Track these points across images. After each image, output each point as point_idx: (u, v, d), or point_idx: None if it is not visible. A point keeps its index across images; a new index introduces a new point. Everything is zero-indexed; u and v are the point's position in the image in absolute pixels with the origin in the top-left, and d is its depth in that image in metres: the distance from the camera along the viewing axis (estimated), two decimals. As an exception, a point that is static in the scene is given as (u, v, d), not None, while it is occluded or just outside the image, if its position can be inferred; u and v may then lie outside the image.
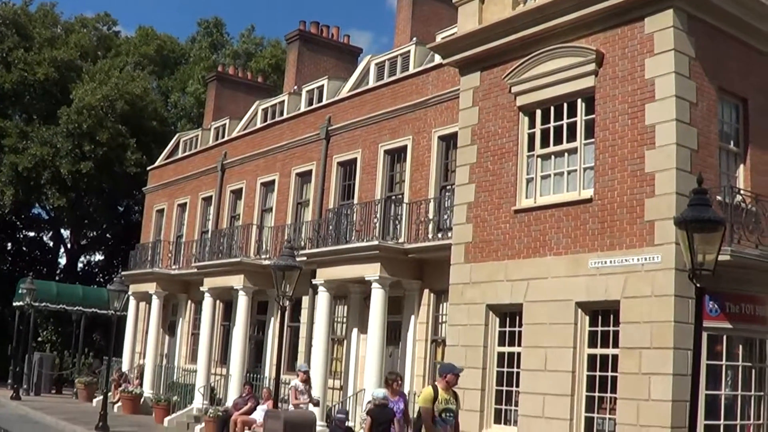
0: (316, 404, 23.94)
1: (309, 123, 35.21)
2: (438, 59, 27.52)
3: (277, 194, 36.51)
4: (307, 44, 44.51)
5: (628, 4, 19.91)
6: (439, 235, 26.62)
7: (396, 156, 30.50)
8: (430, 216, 27.21)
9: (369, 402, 19.55)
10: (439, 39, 28.63)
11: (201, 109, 60.11)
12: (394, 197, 30.02)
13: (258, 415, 27.80)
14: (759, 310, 19.72)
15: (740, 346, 19.46)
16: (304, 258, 27.74)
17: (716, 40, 20.18)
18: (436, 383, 16.11)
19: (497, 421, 21.81)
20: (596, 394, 19.65)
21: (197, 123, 61.63)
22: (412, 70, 31.28)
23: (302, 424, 21.30)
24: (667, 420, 17.78)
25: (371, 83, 33.64)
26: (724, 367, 19.15)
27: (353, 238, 28.89)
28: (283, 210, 35.72)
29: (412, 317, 27.71)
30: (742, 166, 20.79)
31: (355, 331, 29.93)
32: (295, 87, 41.75)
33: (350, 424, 24.42)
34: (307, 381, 23.38)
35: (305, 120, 35.77)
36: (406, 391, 25.71)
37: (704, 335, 17.95)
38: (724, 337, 19.19)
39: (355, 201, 31.10)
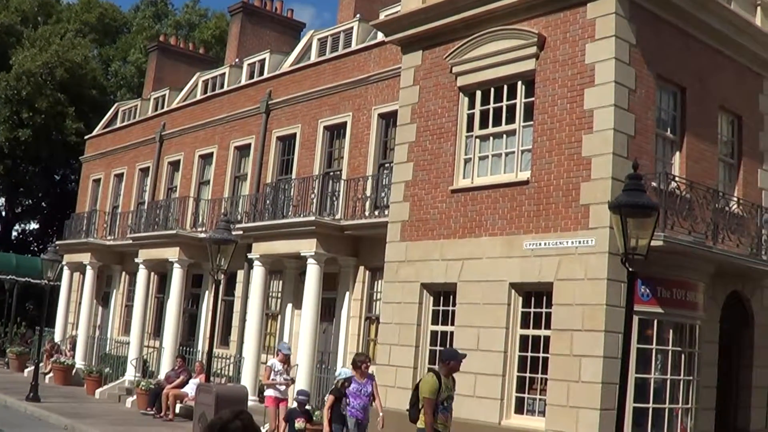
0: (289, 384, 23.51)
1: (249, 96, 35.04)
2: (381, 37, 27.50)
3: (215, 167, 36.32)
4: (250, 17, 44.33)
5: (571, -12, 20.03)
6: (376, 213, 26.64)
7: (335, 132, 30.47)
8: (368, 193, 27.19)
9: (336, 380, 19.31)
10: (382, 16, 28.59)
11: (142, 78, 59.53)
12: (332, 173, 29.98)
13: (190, 388, 27.78)
14: (690, 296, 19.96)
15: (671, 331, 19.68)
16: (240, 232, 27.58)
17: (657, 28, 20.35)
18: (437, 369, 15.53)
19: (429, 399, 21.89)
20: (527, 374, 19.82)
21: (137, 93, 61.05)
22: (354, 46, 31.23)
23: (234, 398, 21.21)
24: (597, 401, 17.99)
25: (313, 59, 33.49)
26: (654, 350, 19.36)
27: (290, 213, 28.80)
28: (220, 183, 35.56)
29: (347, 294, 27.73)
30: (678, 153, 21.02)
31: (289, 306, 29.90)
32: (237, 60, 41.52)
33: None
34: (286, 361, 23.05)
35: (245, 93, 35.59)
36: (339, 368, 25.83)
37: (635, 319, 18.06)
38: (655, 322, 19.38)
39: (293, 176, 30.99)
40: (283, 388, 22.62)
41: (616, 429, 13.37)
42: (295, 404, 21.53)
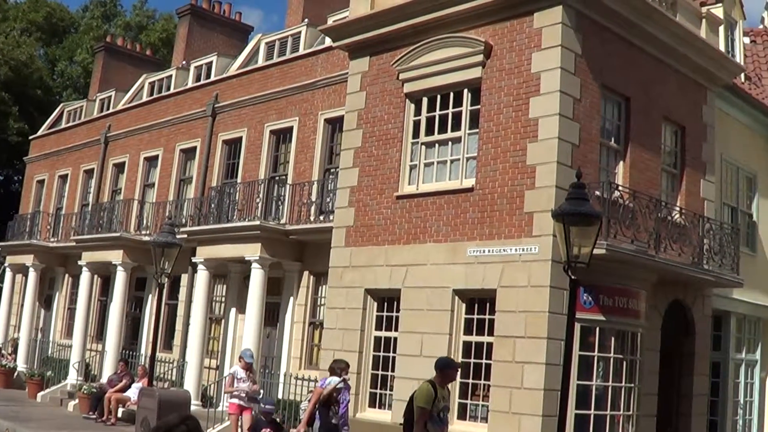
0: (254, 394, 22.90)
1: (196, 99, 34.88)
2: (328, 42, 27.46)
3: (160, 170, 36.10)
4: (198, 19, 44.18)
5: (518, -2, 20.14)
6: (321, 218, 26.63)
7: (281, 136, 30.39)
8: (313, 198, 27.17)
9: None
10: (330, 22, 28.53)
11: (88, 79, 59.13)
12: (277, 178, 29.91)
13: (132, 392, 27.60)
14: (632, 304, 20.14)
15: (612, 338, 19.84)
16: (185, 235, 27.46)
17: (602, 38, 20.51)
18: (432, 379, 14.89)
19: (372, 405, 21.93)
20: (470, 380, 19.86)
21: (83, 93, 60.63)
22: (302, 51, 31.19)
23: (177, 402, 21.11)
24: (539, 408, 18.08)
25: (260, 62, 33.45)
26: (596, 358, 19.52)
27: (235, 217, 28.74)
28: (165, 186, 35.36)
29: (291, 299, 27.69)
30: (621, 162, 21.18)
31: (233, 310, 29.78)
32: (184, 62, 41.33)
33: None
34: (248, 368, 22.57)
35: (192, 96, 35.43)
36: (281, 374, 25.79)
37: (577, 326, 18.26)
38: (597, 329, 19.55)
39: (239, 180, 30.90)
40: (245, 395, 22.18)
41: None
42: (271, 411, 21.31)
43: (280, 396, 24.88)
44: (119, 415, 28.26)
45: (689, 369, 23.23)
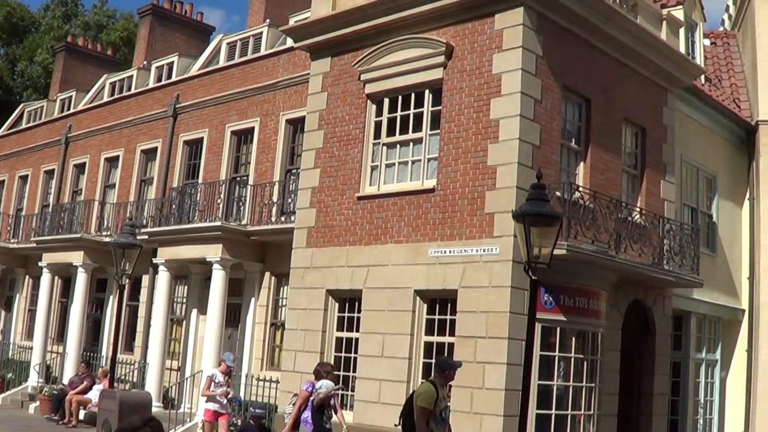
0: (228, 396, 22.13)
1: (157, 99, 34.71)
2: (290, 42, 27.39)
3: (121, 170, 35.87)
4: (159, 19, 44.06)
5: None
6: (282, 219, 26.57)
7: (243, 137, 30.30)
8: (274, 199, 27.10)
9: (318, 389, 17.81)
10: (292, 22, 28.51)
11: (48, 79, 58.77)
12: (239, 179, 29.81)
13: (93, 394, 27.43)
14: (592, 304, 20.24)
15: (573, 338, 19.94)
16: (146, 236, 27.35)
17: (564, 40, 20.59)
18: (433, 379, 14.75)
19: (334, 405, 21.89)
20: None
21: (44, 94, 60.25)
22: (263, 51, 31.15)
23: (138, 404, 20.99)
24: (500, 408, 18.14)
25: (222, 63, 33.36)
26: (557, 358, 19.59)
27: (196, 218, 28.64)
28: (126, 187, 35.16)
29: (253, 300, 27.61)
30: (582, 163, 21.27)
31: (194, 311, 29.64)
32: (145, 62, 41.16)
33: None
34: (228, 373, 21.82)
35: (153, 96, 35.24)
36: (243, 375, 25.72)
37: (538, 326, 18.37)
38: (558, 329, 19.64)
39: (200, 181, 30.78)
40: (224, 400, 21.30)
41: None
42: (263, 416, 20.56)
43: (241, 397, 24.79)
44: (80, 417, 28.09)
45: (650, 368, 23.37)
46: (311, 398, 17.09)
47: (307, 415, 16.94)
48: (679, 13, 25.80)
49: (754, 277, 28.12)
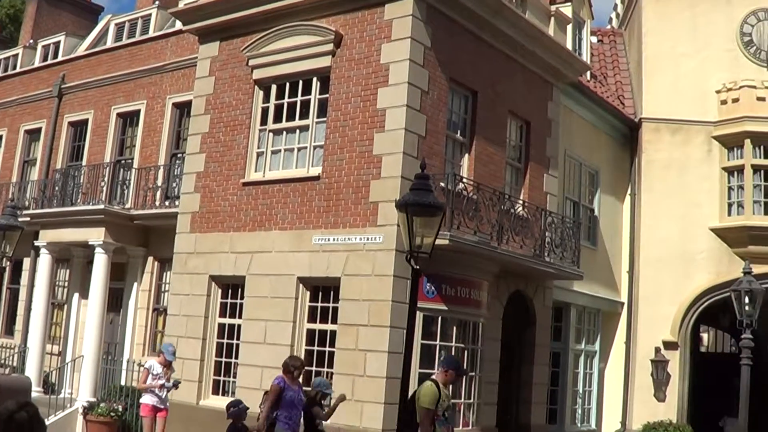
0: (174, 387, 21.17)
1: (42, 79, 34.04)
2: (179, 25, 27.11)
3: (3, 150, 35.08)
4: (47, -3, 43.18)
5: (370, -12, 20.20)
6: (167, 203, 26.28)
7: (128, 120, 29.87)
8: (159, 183, 26.81)
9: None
10: (181, 5, 28.14)
11: (-71, 56, 57.29)
12: (123, 162, 29.42)
13: (-31, 378, 26.88)
14: (474, 294, 20.46)
15: (454, 328, 20.15)
16: (28, 218, 26.85)
17: (452, 32, 20.72)
18: (435, 378, 14.42)
19: (215, 392, 21.78)
20: (314, 368, 19.83)
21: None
22: (151, 33, 30.76)
23: (17, 389, 20.53)
24: (381, 395, 18.25)
25: (109, 44, 32.86)
26: (438, 346, 19.74)
27: (79, 200, 28.23)
28: (8, 167, 34.45)
29: (135, 284, 27.32)
30: (467, 155, 21.44)
31: (76, 296, 29.18)
32: (31, 41, 40.33)
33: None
34: (167, 365, 20.76)
35: (38, 76, 34.56)
36: (125, 360, 25.46)
37: (420, 315, 18.53)
38: (440, 318, 19.81)
39: (84, 163, 30.30)
40: (163, 394, 19.94)
41: (398, 422, 13.48)
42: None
43: (123, 383, 24.55)
44: (-44, 401, 27.48)
45: (530, 358, 23.73)
46: (293, 398, 16.02)
47: (281, 412, 15.84)
48: (567, 10, 26.20)
49: (634, 270, 28.65)
